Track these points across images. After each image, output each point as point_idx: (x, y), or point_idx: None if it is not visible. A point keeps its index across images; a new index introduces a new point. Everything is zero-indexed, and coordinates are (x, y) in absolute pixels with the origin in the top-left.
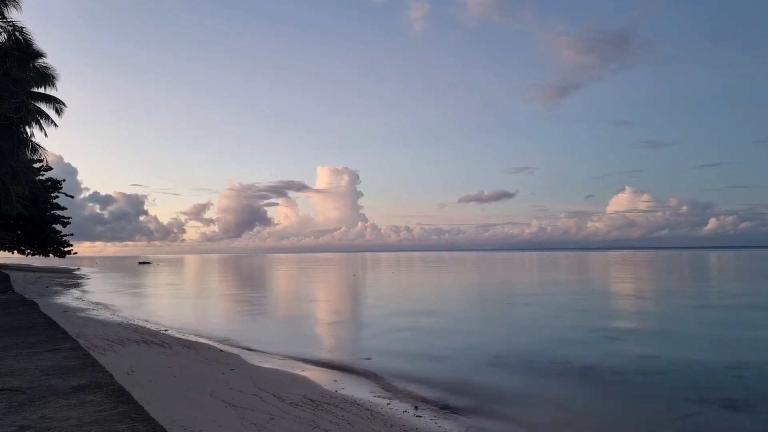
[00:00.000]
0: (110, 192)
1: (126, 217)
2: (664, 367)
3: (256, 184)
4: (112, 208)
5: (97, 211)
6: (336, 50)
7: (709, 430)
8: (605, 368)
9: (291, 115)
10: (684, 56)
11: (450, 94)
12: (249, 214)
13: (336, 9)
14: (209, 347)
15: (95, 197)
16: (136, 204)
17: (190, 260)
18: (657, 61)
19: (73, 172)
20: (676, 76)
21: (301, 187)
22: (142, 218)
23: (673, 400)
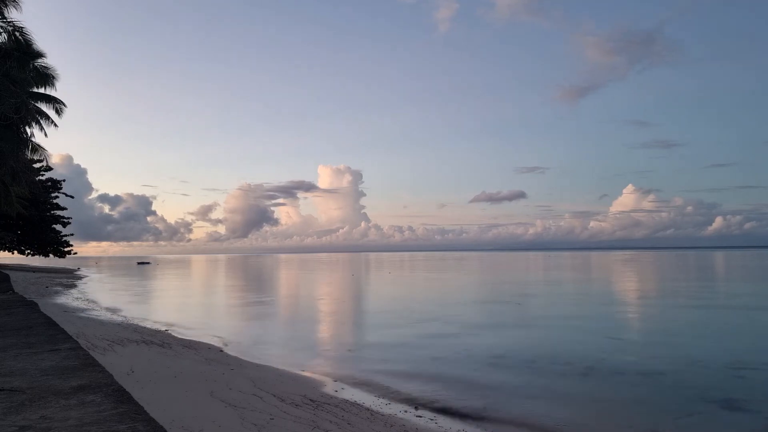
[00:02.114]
0: (120, 192)
1: (134, 218)
2: (664, 367)
3: (264, 185)
4: (120, 208)
5: (106, 211)
6: (356, 50)
7: (709, 430)
8: (606, 368)
9: (304, 114)
10: (709, 57)
11: (466, 94)
12: (256, 215)
13: (363, 9)
14: (209, 347)
15: (104, 198)
16: (144, 204)
17: (192, 260)
18: (681, 61)
19: (82, 172)
20: (698, 76)
21: (310, 187)
22: (149, 219)
23: (673, 400)
